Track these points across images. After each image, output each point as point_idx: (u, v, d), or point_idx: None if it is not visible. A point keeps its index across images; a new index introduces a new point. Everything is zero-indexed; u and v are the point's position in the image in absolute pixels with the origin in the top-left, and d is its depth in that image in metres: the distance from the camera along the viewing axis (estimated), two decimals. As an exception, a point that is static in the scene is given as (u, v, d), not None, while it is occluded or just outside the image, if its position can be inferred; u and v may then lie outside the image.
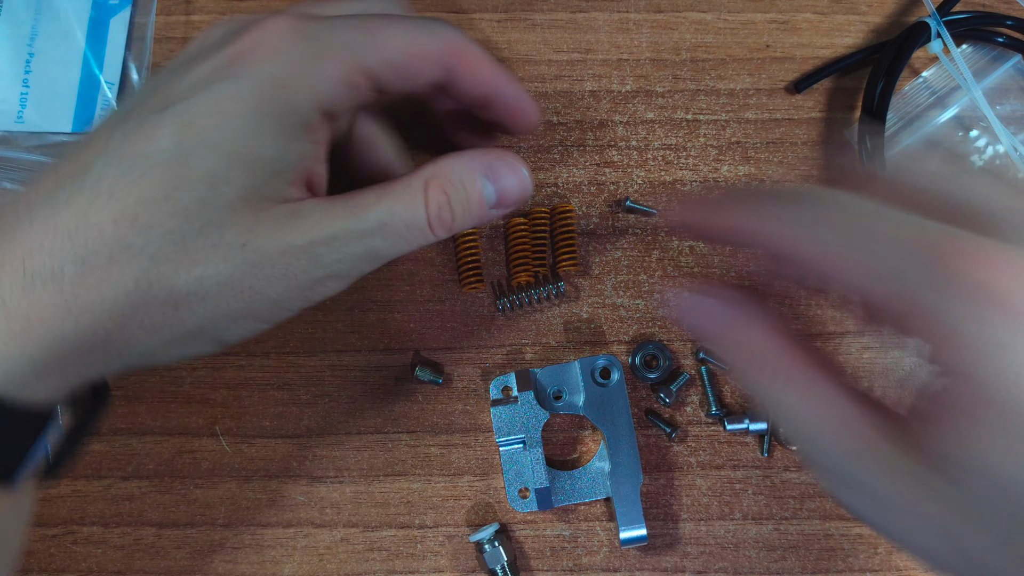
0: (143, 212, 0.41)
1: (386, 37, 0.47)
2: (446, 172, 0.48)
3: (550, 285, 0.63)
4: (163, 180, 0.42)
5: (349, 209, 0.46)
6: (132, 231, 0.41)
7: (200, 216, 0.42)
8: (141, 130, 0.43)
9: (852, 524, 0.62)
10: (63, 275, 0.41)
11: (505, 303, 0.63)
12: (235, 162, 0.43)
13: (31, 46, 0.67)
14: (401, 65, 0.47)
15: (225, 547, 0.62)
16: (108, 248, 0.41)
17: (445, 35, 0.49)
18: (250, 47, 0.44)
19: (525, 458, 0.61)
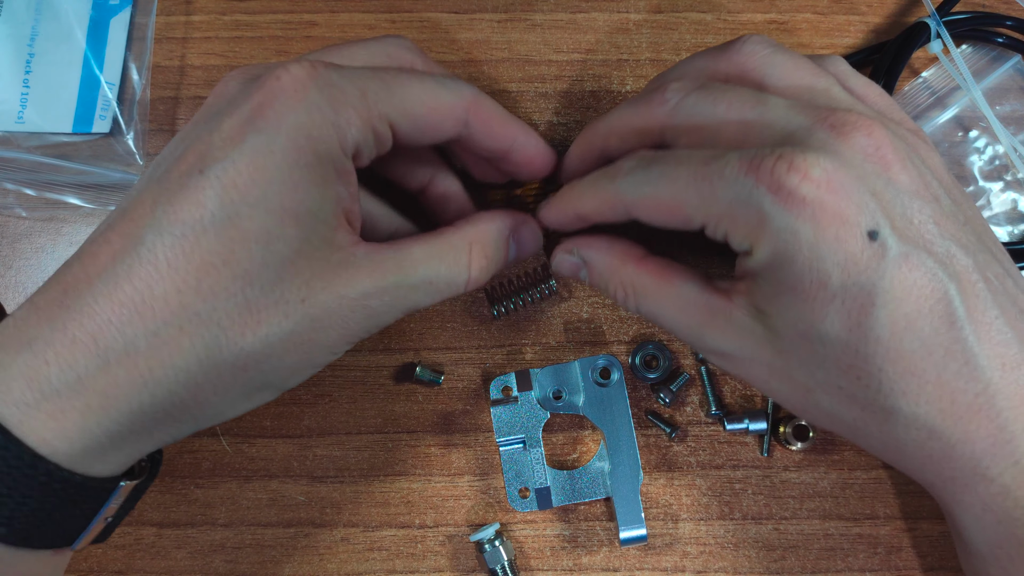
0: (205, 279, 0.43)
1: (405, 89, 0.48)
2: (487, 238, 0.53)
3: (542, 284, 0.63)
4: (219, 245, 0.43)
5: (398, 263, 0.49)
6: (197, 299, 0.43)
7: (260, 276, 0.44)
8: (184, 194, 0.43)
9: (852, 524, 0.62)
10: (136, 350, 0.42)
11: (499, 308, 0.63)
12: (283, 217, 0.44)
13: (31, 46, 0.68)
14: (421, 118, 0.49)
15: (225, 547, 0.62)
16: (176, 318, 0.43)
17: (462, 91, 0.51)
18: (271, 98, 0.44)
19: (525, 458, 0.61)
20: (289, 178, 0.44)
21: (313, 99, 0.45)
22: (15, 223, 0.66)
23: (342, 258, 0.47)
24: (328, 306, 0.46)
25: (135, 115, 0.67)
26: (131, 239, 0.43)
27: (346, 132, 0.46)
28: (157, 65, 0.69)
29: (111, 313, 0.42)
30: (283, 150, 0.44)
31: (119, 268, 0.43)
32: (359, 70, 0.47)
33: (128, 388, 0.43)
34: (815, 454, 0.63)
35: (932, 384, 0.45)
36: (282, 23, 0.69)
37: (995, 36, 0.68)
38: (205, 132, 0.45)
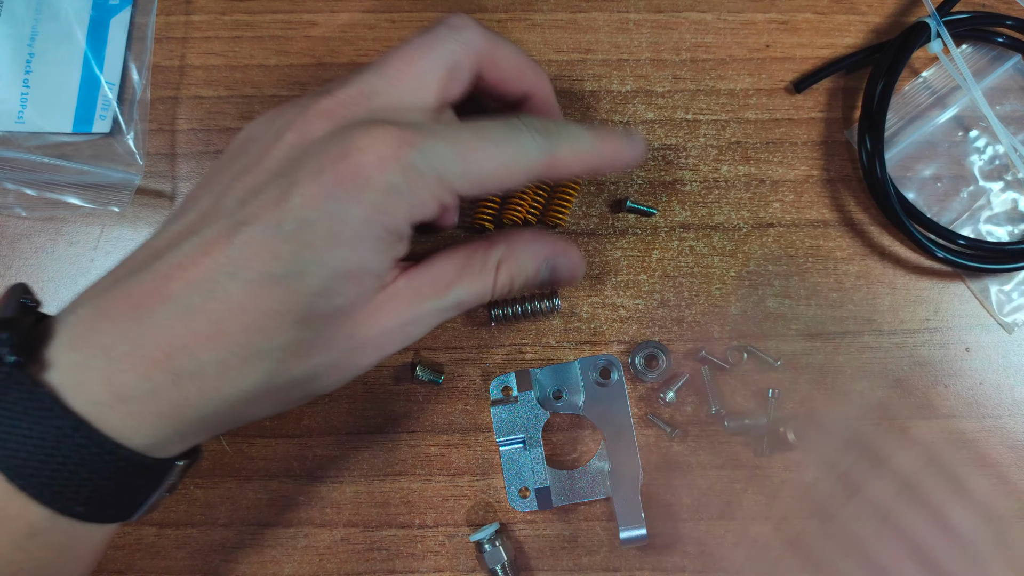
0: (270, 323, 0.47)
1: (479, 162, 0.50)
2: (516, 258, 0.56)
3: (546, 301, 0.64)
4: (284, 295, 0.47)
5: (433, 288, 0.53)
6: (261, 338, 0.47)
7: (316, 322, 0.48)
8: (260, 244, 0.47)
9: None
10: (206, 373, 0.47)
11: (499, 313, 0.64)
12: (345, 278, 0.48)
13: (31, 46, 0.68)
14: (489, 185, 0.51)
15: (225, 547, 0.62)
16: (242, 351, 0.47)
17: (536, 149, 0.52)
18: (355, 172, 0.47)
19: (525, 458, 0.61)
20: (357, 246, 0.48)
21: (394, 181, 0.47)
22: (15, 223, 0.66)
23: (387, 294, 0.51)
24: (370, 337, 0.51)
25: (135, 115, 0.67)
26: (206, 273, 0.47)
27: (416, 212, 0.49)
28: (157, 65, 0.69)
29: (185, 339, 0.46)
30: (356, 223, 0.47)
31: (193, 299, 0.46)
32: (439, 147, 0.49)
33: (196, 402, 0.47)
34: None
35: None
36: (282, 23, 0.69)
37: (995, 36, 0.68)
38: (287, 183, 0.48)
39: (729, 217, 0.66)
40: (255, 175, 0.50)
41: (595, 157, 0.54)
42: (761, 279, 0.65)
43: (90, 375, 0.45)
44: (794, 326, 0.65)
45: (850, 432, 0.61)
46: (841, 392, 0.64)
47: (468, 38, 0.55)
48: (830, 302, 0.65)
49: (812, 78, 0.67)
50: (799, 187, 0.67)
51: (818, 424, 0.62)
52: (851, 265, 0.66)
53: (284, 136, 0.51)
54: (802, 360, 0.65)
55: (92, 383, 0.45)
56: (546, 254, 0.58)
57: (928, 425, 0.64)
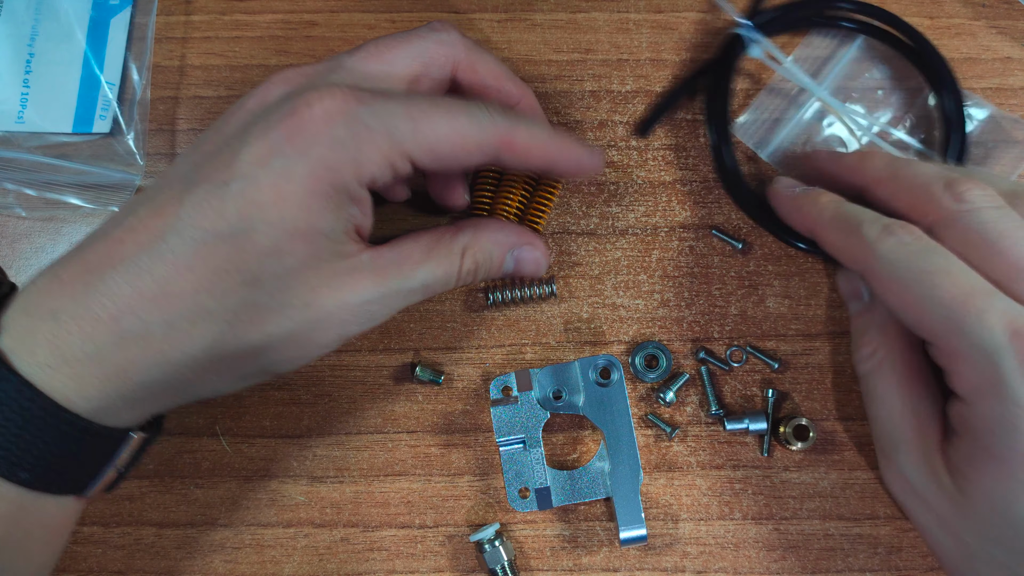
0: (218, 282, 0.47)
1: (429, 125, 0.50)
2: (481, 245, 0.57)
3: (544, 286, 0.65)
4: (232, 254, 0.47)
5: (398, 268, 0.53)
6: (209, 299, 0.48)
7: (267, 284, 0.48)
8: (208, 203, 0.47)
9: (852, 524, 0.63)
10: (152, 335, 0.47)
11: (496, 297, 0.65)
12: (294, 236, 0.48)
13: (31, 46, 0.69)
14: (444, 155, 0.51)
15: (225, 547, 0.63)
16: (190, 313, 0.48)
17: (495, 124, 0.53)
18: (301, 126, 0.48)
19: (525, 458, 0.61)
20: (304, 203, 0.48)
21: (339, 135, 0.48)
22: (15, 223, 0.67)
23: (348, 266, 0.51)
24: (330, 311, 0.51)
25: (135, 115, 0.68)
26: (155, 235, 0.47)
27: (365, 168, 0.49)
28: (157, 65, 0.70)
29: (132, 300, 0.47)
30: (302, 178, 0.48)
31: (142, 260, 0.47)
32: (390, 105, 0.50)
33: (141, 365, 0.48)
34: (815, 454, 0.64)
35: None
36: (282, 23, 0.70)
37: (837, 20, 0.68)
38: (237, 145, 0.49)
39: (729, 217, 0.67)
40: (213, 141, 0.52)
41: (551, 151, 0.55)
42: (761, 279, 0.66)
43: (38, 338, 0.47)
44: (794, 326, 0.65)
45: None
46: None
47: (446, 39, 0.56)
48: (830, 302, 0.66)
49: (652, 119, 0.68)
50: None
51: None
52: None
53: (245, 104, 0.53)
54: (802, 360, 0.65)
55: (39, 346, 0.47)
56: (512, 244, 0.59)
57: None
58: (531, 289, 0.65)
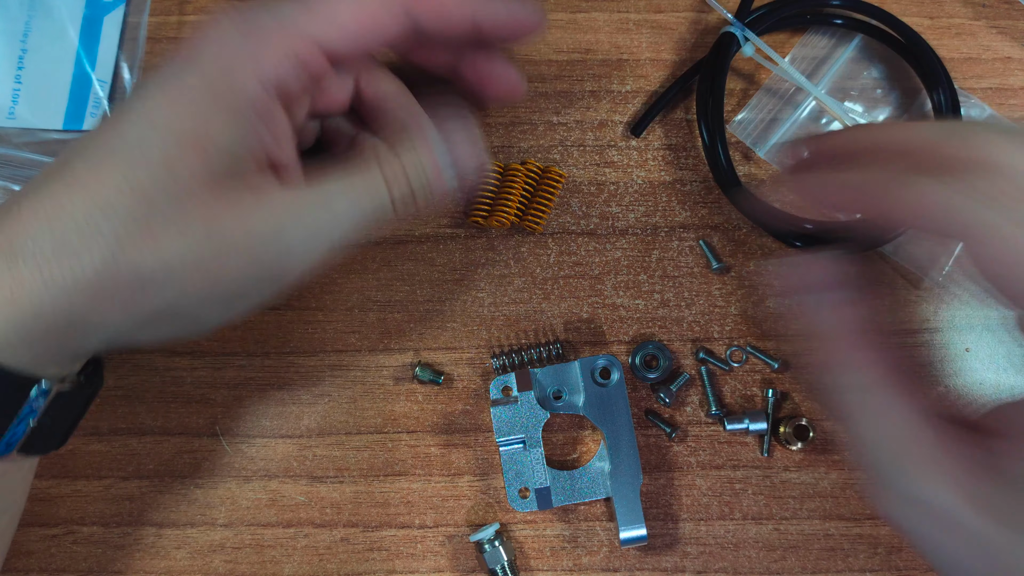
0: (108, 197, 0.45)
1: (327, 4, 0.48)
2: (407, 157, 0.52)
3: (551, 345, 0.65)
4: (125, 167, 0.46)
5: (315, 193, 0.50)
6: (100, 216, 0.45)
7: (160, 200, 0.46)
8: (111, 124, 0.47)
9: (852, 524, 0.63)
10: (41, 255, 0.45)
11: (504, 361, 0.65)
12: (188, 146, 0.46)
13: (24, 42, 0.69)
14: (354, 31, 0.49)
15: (225, 547, 0.63)
16: (80, 232, 0.45)
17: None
18: (195, 39, 0.47)
19: (525, 458, 0.62)
20: (199, 110, 0.46)
21: (228, 33, 0.47)
22: None
23: (255, 198, 0.48)
24: (235, 238, 0.47)
25: None
26: (63, 162, 0.47)
27: (263, 64, 0.47)
28: (150, 65, 0.70)
29: (28, 224, 0.45)
30: (196, 83, 0.46)
31: (43, 187, 0.46)
32: (283, 1, 0.48)
33: (30, 288, 0.45)
34: (815, 454, 0.64)
35: None
36: None
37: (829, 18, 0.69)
38: (151, 76, 0.48)
39: (729, 217, 0.67)
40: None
41: (475, 11, 0.52)
42: (761, 279, 0.67)
43: None
44: (794, 326, 0.66)
45: None
46: None
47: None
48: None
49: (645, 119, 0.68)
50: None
51: None
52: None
53: None
54: (802, 360, 0.65)
55: None
56: (442, 150, 0.53)
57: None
58: (537, 351, 0.65)
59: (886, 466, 0.43)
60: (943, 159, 0.42)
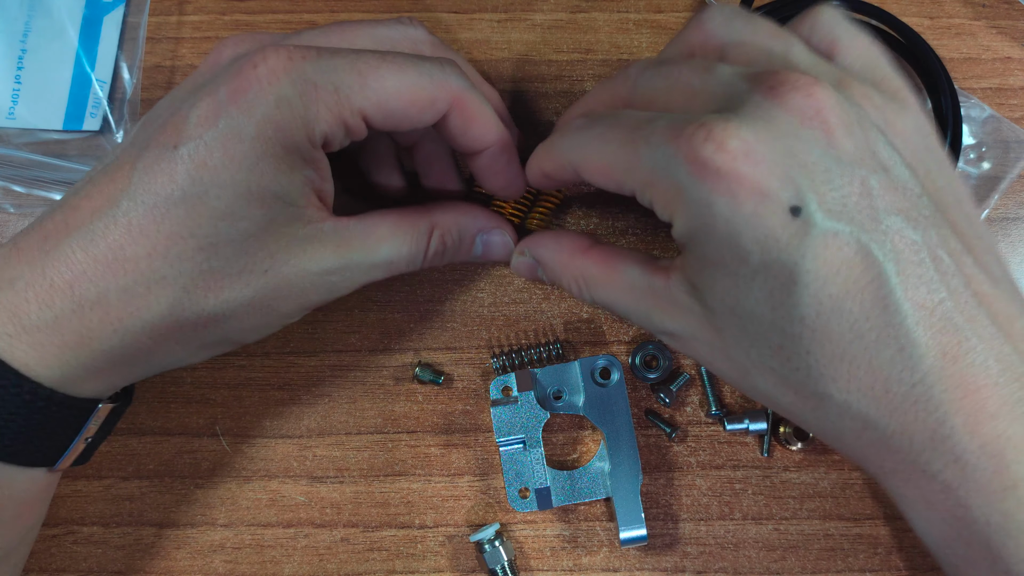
0: (172, 247, 0.47)
1: (378, 80, 0.50)
2: (450, 225, 0.58)
3: (548, 345, 0.65)
4: (187, 218, 0.47)
5: (363, 241, 0.54)
6: (164, 264, 0.48)
7: (223, 249, 0.49)
8: (159, 167, 0.47)
9: (852, 524, 0.64)
10: (108, 301, 0.48)
11: (503, 360, 0.65)
12: (248, 199, 0.48)
13: (24, 43, 0.69)
14: (396, 111, 0.51)
15: (225, 547, 0.64)
16: (145, 279, 0.48)
17: (448, 82, 0.52)
18: (246, 86, 0.47)
19: (525, 458, 0.62)
20: (256, 165, 0.48)
21: (284, 93, 0.47)
22: (14, 222, 0.68)
23: (309, 232, 0.51)
24: (290, 279, 0.51)
25: (125, 114, 0.69)
26: (109, 200, 0.48)
27: (314, 127, 0.48)
28: (149, 65, 0.70)
29: (87, 266, 0.47)
30: (252, 139, 0.47)
31: (96, 225, 0.47)
32: (336, 60, 0.49)
33: (100, 332, 0.48)
34: (815, 454, 0.64)
35: (864, 370, 0.44)
36: (282, 23, 0.70)
37: None
38: (185, 107, 0.48)
39: None
40: (165, 107, 0.52)
41: (494, 135, 0.55)
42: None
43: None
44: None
45: None
46: None
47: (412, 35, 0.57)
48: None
49: None
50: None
51: None
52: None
53: (199, 68, 0.54)
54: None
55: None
56: (481, 228, 0.60)
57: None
58: (537, 351, 0.65)
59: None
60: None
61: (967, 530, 0.46)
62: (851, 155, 0.44)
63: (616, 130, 0.49)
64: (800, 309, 0.43)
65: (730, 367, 0.49)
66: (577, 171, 0.52)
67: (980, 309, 0.45)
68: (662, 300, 0.51)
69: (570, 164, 0.52)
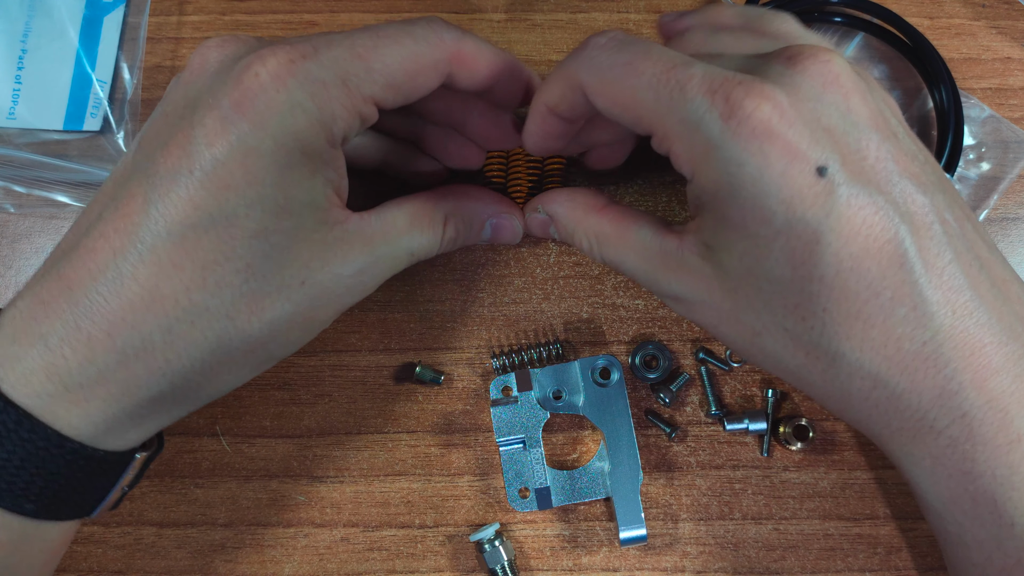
0: (210, 276, 0.46)
1: (381, 59, 0.49)
2: (463, 213, 0.58)
3: (549, 344, 0.66)
4: (220, 243, 0.46)
5: (384, 236, 0.53)
6: (205, 295, 0.46)
7: (262, 267, 0.47)
8: (177, 195, 0.45)
9: (852, 524, 0.64)
10: (153, 345, 0.46)
11: (504, 361, 0.66)
12: (277, 213, 0.47)
13: (24, 43, 0.70)
14: (401, 84, 0.50)
15: (225, 547, 0.64)
16: (187, 315, 0.46)
17: (439, 40, 0.51)
18: (251, 95, 0.46)
19: (525, 458, 0.62)
20: (280, 178, 0.46)
21: (296, 98, 0.46)
22: (15, 223, 0.68)
23: (337, 235, 0.51)
24: (327, 286, 0.50)
25: (126, 114, 0.69)
26: (129, 237, 0.46)
27: (332, 127, 0.48)
28: (149, 65, 0.71)
29: (123, 311, 0.45)
30: (271, 152, 0.46)
31: (123, 267, 0.45)
32: (335, 51, 0.48)
33: (147, 379, 0.47)
34: (815, 454, 0.65)
35: (878, 328, 0.45)
36: (282, 23, 0.71)
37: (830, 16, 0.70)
38: (187, 124, 0.46)
39: None
40: (156, 124, 0.49)
41: (501, 65, 0.54)
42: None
43: (31, 366, 0.45)
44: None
45: None
46: None
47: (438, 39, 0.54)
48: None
49: None
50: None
51: None
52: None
53: (182, 79, 0.50)
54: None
55: (34, 375, 0.45)
56: (491, 213, 0.61)
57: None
58: (537, 351, 0.66)
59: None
60: None
61: (973, 485, 0.47)
62: (866, 120, 0.46)
63: (648, 63, 0.47)
64: (820, 268, 0.45)
65: (739, 330, 0.50)
66: (590, 95, 0.50)
67: (983, 271, 0.47)
68: (672, 262, 0.51)
69: (584, 87, 0.50)
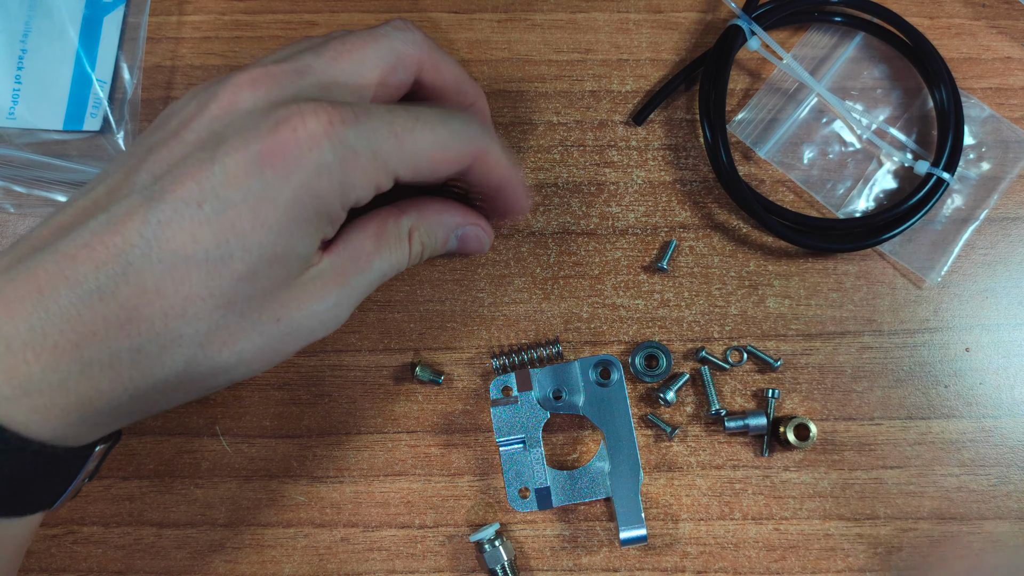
0: (190, 307, 0.46)
1: (412, 141, 0.50)
2: (427, 226, 0.57)
3: (548, 345, 0.66)
4: (207, 279, 0.46)
5: (354, 265, 0.53)
6: (181, 323, 0.46)
7: (242, 307, 0.48)
8: (180, 224, 0.45)
9: (852, 524, 0.65)
10: (120, 363, 0.46)
11: (504, 361, 0.66)
12: (272, 261, 0.47)
13: (24, 43, 0.70)
14: (423, 168, 0.51)
15: (225, 547, 0.64)
16: (160, 339, 0.46)
17: (469, 136, 0.53)
18: (284, 149, 0.46)
19: (525, 458, 0.63)
20: (285, 230, 0.47)
21: (326, 160, 0.46)
22: (15, 223, 0.69)
23: (312, 274, 0.51)
24: (301, 322, 0.51)
25: (126, 114, 0.69)
26: (117, 254, 0.45)
27: (350, 193, 0.48)
28: (149, 65, 0.71)
29: (95, 326, 0.45)
30: (285, 204, 0.46)
31: (103, 282, 0.45)
32: (373, 123, 0.49)
33: (109, 393, 0.46)
34: (815, 454, 0.65)
35: None
36: (282, 23, 0.71)
37: (830, 16, 0.71)
38: (208, 159, 0.46)
39: (729, 216, 0.69)
40: (171, 148, 0.48)
41: (508, 176, 0.56)
42: (761, 279, 0.68)
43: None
44: (794, 326, 0.67)
45: None
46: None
47: (411, 39, 0.55)
48: (830, 302, 0.67)
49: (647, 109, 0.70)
50: (799, 186, 0.69)
51: None
52: (851, 265, 0.68)
53: (207, 107, 0.49)
54: (802, 360, 0.66)
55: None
56: (456, 224, 0.59)
57: (928, 425, 0.66)
58: (537, 351, 0.66)
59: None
60: None
61: None
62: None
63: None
64: None
65: None
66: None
67: None
68: None
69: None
